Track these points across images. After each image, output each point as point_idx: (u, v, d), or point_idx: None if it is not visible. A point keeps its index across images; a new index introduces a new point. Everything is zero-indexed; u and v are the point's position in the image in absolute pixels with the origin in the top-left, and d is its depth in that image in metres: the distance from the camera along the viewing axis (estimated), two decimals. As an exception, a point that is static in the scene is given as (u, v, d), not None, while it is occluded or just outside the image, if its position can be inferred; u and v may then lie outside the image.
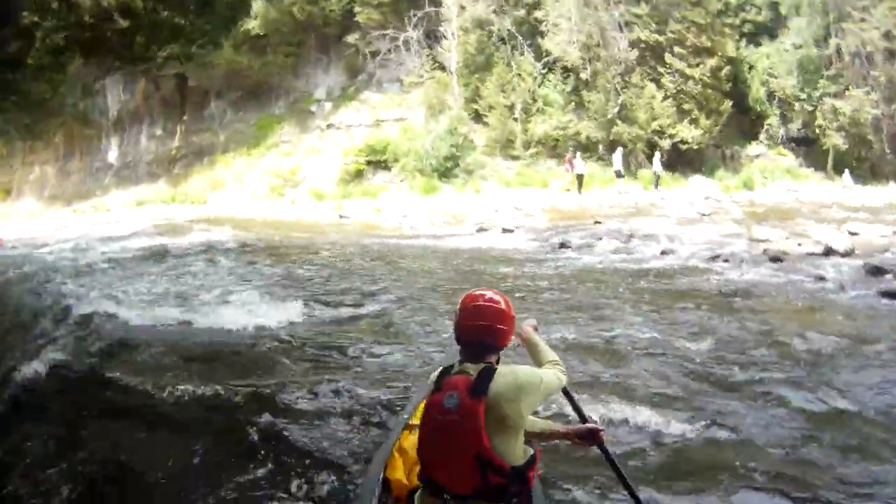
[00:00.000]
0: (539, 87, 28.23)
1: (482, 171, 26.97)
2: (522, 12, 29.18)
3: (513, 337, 2.90)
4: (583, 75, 27.35)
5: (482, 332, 2.71)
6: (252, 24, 33.47)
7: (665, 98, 26.68)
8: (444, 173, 26.67)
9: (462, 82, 29.03)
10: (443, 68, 29.57)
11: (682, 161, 27.10)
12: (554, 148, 27.47)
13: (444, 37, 29.29)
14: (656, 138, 26.42)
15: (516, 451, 2.59)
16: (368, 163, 29.11)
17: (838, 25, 27.20)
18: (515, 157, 27.47)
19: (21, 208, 47.38)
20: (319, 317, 9.05)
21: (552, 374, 2.83)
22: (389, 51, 30.85)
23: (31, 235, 33.20)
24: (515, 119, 27.56)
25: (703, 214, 19.51)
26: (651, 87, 26.81)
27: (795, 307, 9.26)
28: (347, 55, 34.30)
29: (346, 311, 9.40)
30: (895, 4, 26.98)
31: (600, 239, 15.26)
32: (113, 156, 43.12)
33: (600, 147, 27.10)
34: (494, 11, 28.75)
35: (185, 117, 39.46)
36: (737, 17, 29.83)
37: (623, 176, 25.13)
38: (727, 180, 26.40)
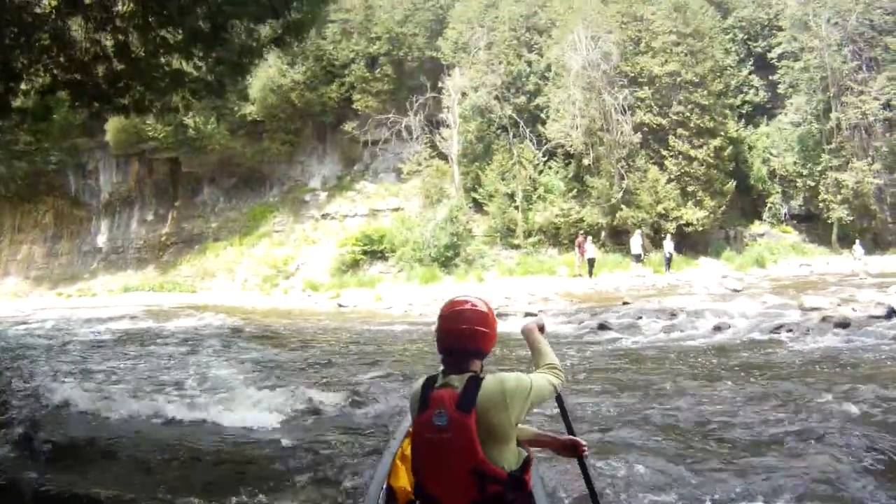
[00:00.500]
0: (539, 174, 27.76)
1: (482, 261, 26.31)
2: (523, 99, 28.98)
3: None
4: (585, 161, 26.91)
5: (464, 338, 2.69)
6: (249, 110, 33.43)
7: (669, 181, 26.22)
8: (444, 263, 25.94)
9: (461, 170, 28.48)
10: (442, 156, 29.28)
11: (687, 243, 26.41)
12: (555, 236, 26.92)
13: (445, 124, 28.92)
14: (661, 221, 25.76)
15: (510, 457, 2.60)
16: (365, 252, 28.41)
17: (838, 99, 26.97)
18: (516, 246, 26.81)
19: (5, 288, 46.53)
20: (329, 408, 7.94)
21: (543, 380, 2.77)
22: (387, 139, 30.58)
23: (11, 314, 32.44)
24: (516, 207, 27.00)
25: (735, 290, 18.37)
26: (654, 169, 26.35)
27: (889, 370, 8.57)
28: (344, 144, 34.14)
29: (357, 403, 8.10)
30: (894, 75, 27.12)
31: (640, 318, 14.06)
32: (102, 239, 42.45)
33: (603, 233, 26.41)
34: (497, 98, 28.49)
35: (176, 203, 39.01)
36: (736, 98, 29.75)
37: (642, 260, 24.47)
38: (735, 260, 25.63)
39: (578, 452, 2.96)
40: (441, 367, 2.73)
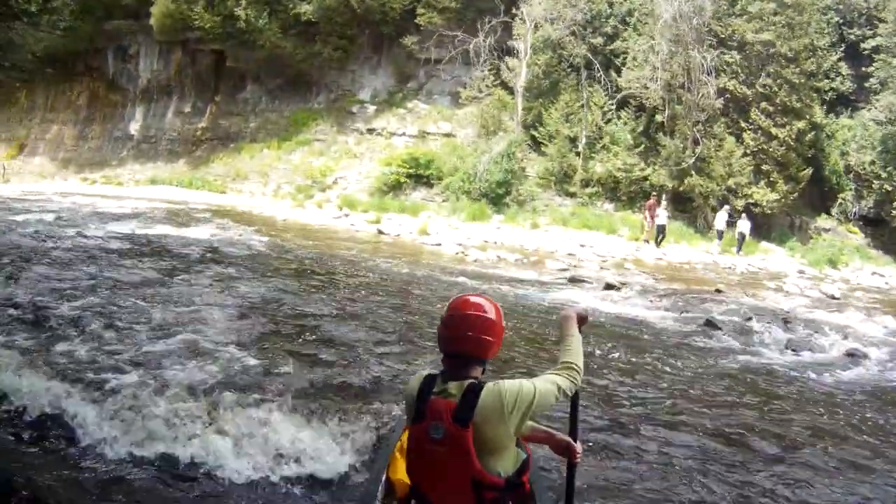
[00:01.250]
0: (606, 123, 26.01)
1: (534, 204, 24.79)
2: (599, 40, 27.04)
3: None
4: (659, 117, 25.11)
5: (469, 345, 2.58)
6: (304, 9, 31.72)
7: (745, 155, 24.36)
8: (494, 200, 24.45)
9: (524, 105, 26.82)
10: (504, 86, 27.40)
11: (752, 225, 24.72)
12: (614, 190, 25.26)
13: (514, 53, 27.06)
14: (731, 196, 24.01)
15: (508, 462, 2.56)
16: (409, 176, 27.01)
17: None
18: (571, 194, 25.25)
19: (31, 167, 45.98)
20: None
21: (551, 386, 2.59)
22: (449, 60, 28.81)
23: (23, 195, 31.63)
24: (577, 153, 25.31)
25: (834, 297, 15.75)
26: (731, 140, 24.51)
27: None
28: (400, 59, 32.45)
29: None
30: None
31: (750, 319, 11.37)
32: (135, 127, 41.52)
33: (664, 198, 24.68)
34: (573, 34, 26.56)
35: (217, 98, 37.76)
36: (822, 83, 27.61)
37: (721, 238, 22.47)
38: (799, 251, 23.89)
39: (571, 456, 2.90)
40: (441, 368, 2.63)
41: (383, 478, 3.14)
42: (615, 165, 24.82)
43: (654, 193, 22.91)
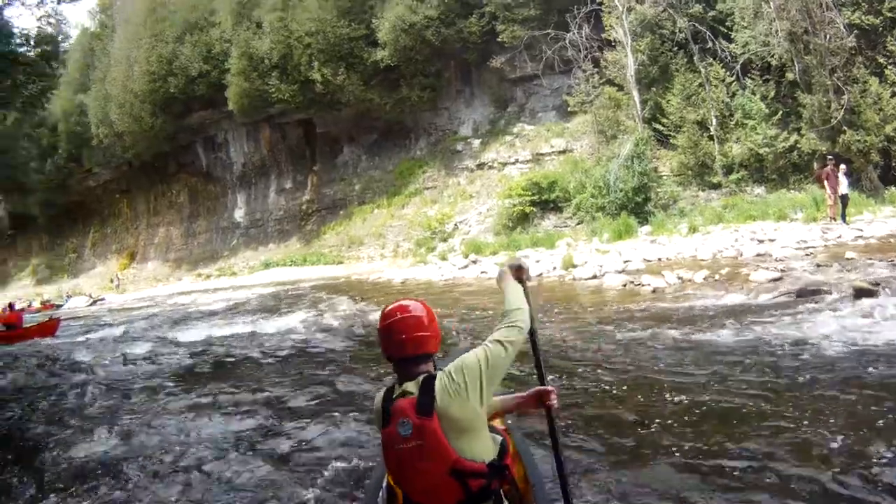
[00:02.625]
0: (732, 97, 24.86)
1: (678, 206, 23.94)
2: (698, 8, 26.23)
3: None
4: (790, 74, 23.84)
5: (408, 346, 2.80)
6: (380, 55, 32.62)
7: (894, 95, 22.71)
8: (634, 210, 23.58)
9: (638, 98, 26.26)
10: (611, 83, 27.03)
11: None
12: (759, 170, 23.97)
13: (611, 45, 26.67)
14: (891, 147, 22.40)
15: (486, 447, 2.74)
16: (533, 204, 26.91)
17: None
18: (715, 186, 24.32)
19: (146, 272, 48.99)
20: None
21: (492, 344, 2.80)
22: (545, 71, 28.92)
23: (124, 303, 33.76)
24: (711, 137, 24.44)
25: None
26: (874, 81, 22.94)
27: None
28: (492, 83, 32.86)
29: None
30: None
31: None
32: (239, 213, 43.93)
33: (815, 164, 23.39)
34: (672, 7, 26.07)
35: (315, 167, 39.57)
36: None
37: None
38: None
39: (546, 400, 3.06)
40: (394, 377, 2.87)
41: (384, 485, 3.25)
42: (755, 142, 23.56)
43: (831, 159, 20.08)
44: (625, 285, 14.09)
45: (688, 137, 24.43)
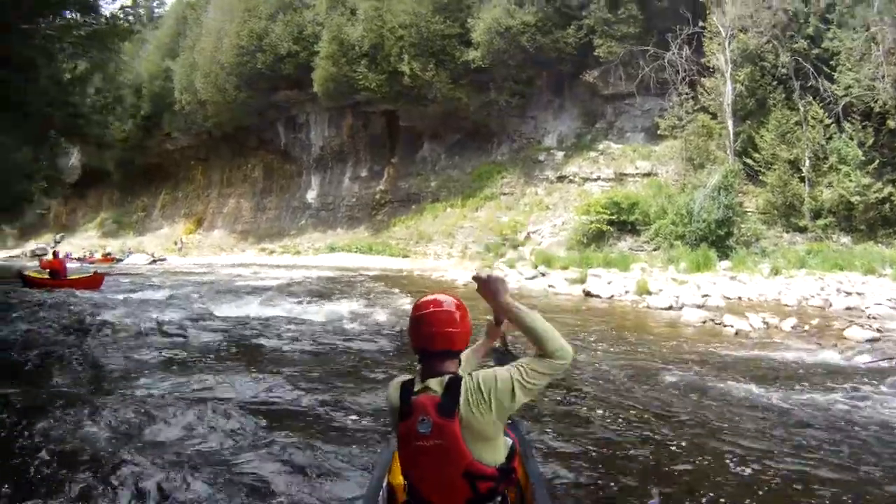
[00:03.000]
0: (828, 140, 24.53)
1: (760, 245, 23.80)
2: (803, 44, 26.03)
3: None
4: (891, 122, 23.53)
5: (435, 341, 2.88)
6: (472, 56, 33.08)
7: None
8: (715, 243, 23.56)
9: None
10: (704, 110, 27.11)
11: None
12: (847, 219, 23.68)
13: (710, 71, 26.75)
14: None
15: (498, 451, 2.87)
16: (611, 223, 27.15)
17: None
18: (800, 229, 24.23)
19: (211, 240, 50.42)
20: None
21: (530, 377, 2.84)
22: (639, 90, 29.03)
23: (185, 266, 34.94)
24: (802, 179, 24.36)
25: None
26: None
27: None
28: (583, 97, 33.17)
29: None
30: None
31: None
32: (312, 195, 45.05)
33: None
34: (776, 39, 25.93)
35: (393, 159, 40.32)
36: None
37: None
38: None
39: (498, 327, 3.54)
40: (418, 369, 2.96)
41: (384, 483, 3.31)
42: (847, 189, 23.33)
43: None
44: (704, 322, 13.16)
45: (778, 176, 24.28)
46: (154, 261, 44.42)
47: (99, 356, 9.09)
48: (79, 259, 46.66)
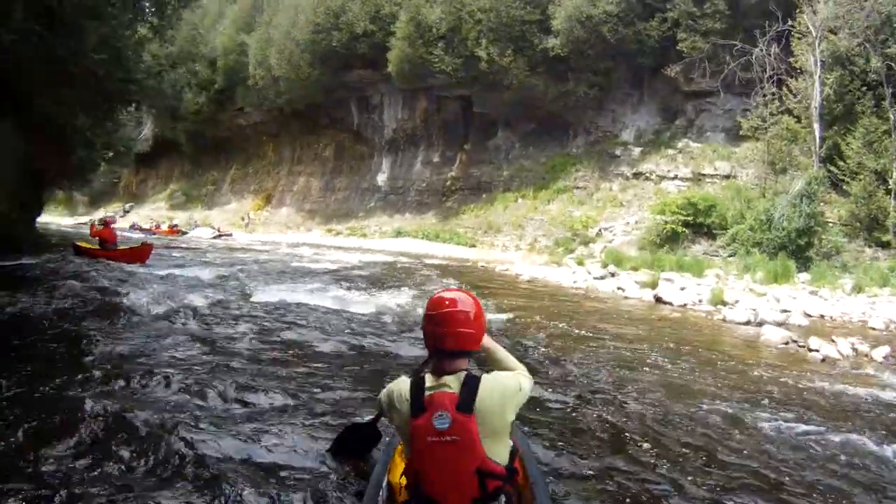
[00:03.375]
0: None
1: (840, 258, 23.38)
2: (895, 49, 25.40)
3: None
4: None
5: (448, 340, 3.05)
6: (551, 43, 33.22)
7: None
8: (794, 253, 23.06)
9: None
10: (789, 113, 26.77)
11: None
12: (934, 235, 23.22)
13: (796, 73, 26.42)
14: None
15: (505, 450, 3.05)
16: (687, 225, 26.97)
17: None
18: (884, 244, 23.63)
19: (279, 217, 51.47)
20: None
21: (529, 384, 3.22)
22: (721, 88, 28.96)
23: (248, 243, 35.82)
24: (888, 191, 23.92)
25: None
26: None
27: None
28: (664, 93, 33.09)
29: None
30: None
31: None
32: (382, 178, 45.87)
33: None
34: (867, 42, 25.37)
35: (466, 146, 40.67)
36: None
37: None
38: None
39: None
40: (427, 367, 3.19)
41: (384, 482, 3.42)
42: None
43: None
44: (787, 343, 11.86)
45: (863, 186, 23.72)
46: (219, 235, 45.52)
47: (90, 341, 8.26)
48: (145, 230, 48.46)
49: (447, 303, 3.09)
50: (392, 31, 39.48)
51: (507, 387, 3.05)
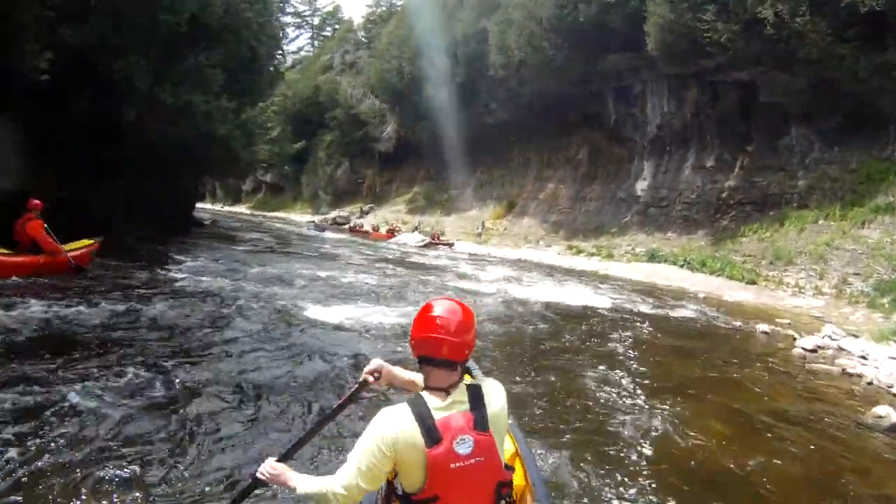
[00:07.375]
0: None
1: None
2: None
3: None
4: None
5: (459, 351, 3.13)
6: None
7: None
8: None
9: None
10: None
11: None
12: None
13: None
14: None
15: (504, 451, 3.26)
16: None
17: None
18: None
19: (518, 229, 50.55)
20: None
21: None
22: None
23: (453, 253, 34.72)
24: None
25: None
26: None
27: None
28: None
29: None
30: None
31: None
32: (642, 186, 42.38)
33: None
34: None
35: (748, 147, 35.83)
36: None
37: None
38: None
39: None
40: (418, 386, 3.46)
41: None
42: None
43: None
44: None
45: None
46: (431, 243, 45.82)
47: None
48: (363, 231, 57.38)
49: (462, 311, 3.16)
50: (649, -5, 35.39)
51: (500, 388, 3.28)
